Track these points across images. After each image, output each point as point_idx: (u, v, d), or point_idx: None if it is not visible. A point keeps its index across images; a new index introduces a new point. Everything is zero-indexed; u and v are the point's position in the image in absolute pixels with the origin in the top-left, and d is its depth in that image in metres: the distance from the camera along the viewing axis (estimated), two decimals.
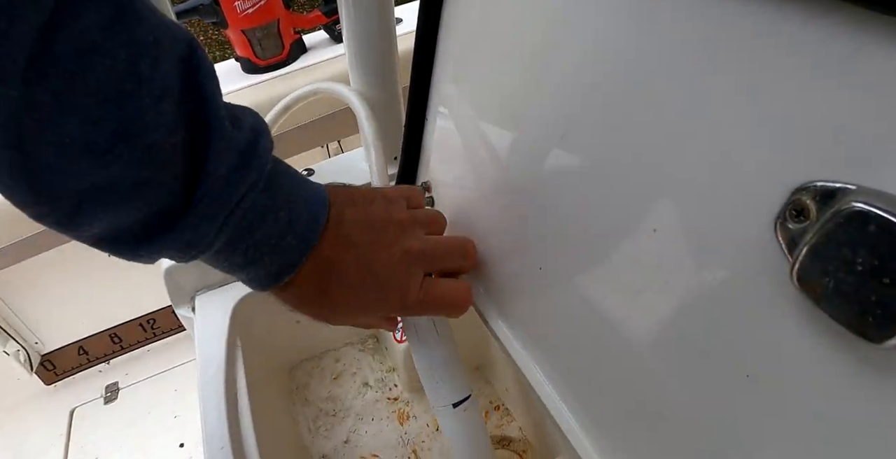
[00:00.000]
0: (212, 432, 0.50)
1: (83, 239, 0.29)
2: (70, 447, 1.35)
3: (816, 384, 0.22)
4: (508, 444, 0.68)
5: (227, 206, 0.30)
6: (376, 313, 0.41)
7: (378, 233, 0.38)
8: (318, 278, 0.36)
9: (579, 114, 0.33)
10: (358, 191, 0.39)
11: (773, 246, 0.22)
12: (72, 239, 0.29)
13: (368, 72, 0.60)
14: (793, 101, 0.21)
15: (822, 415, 0.22)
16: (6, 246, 1.04)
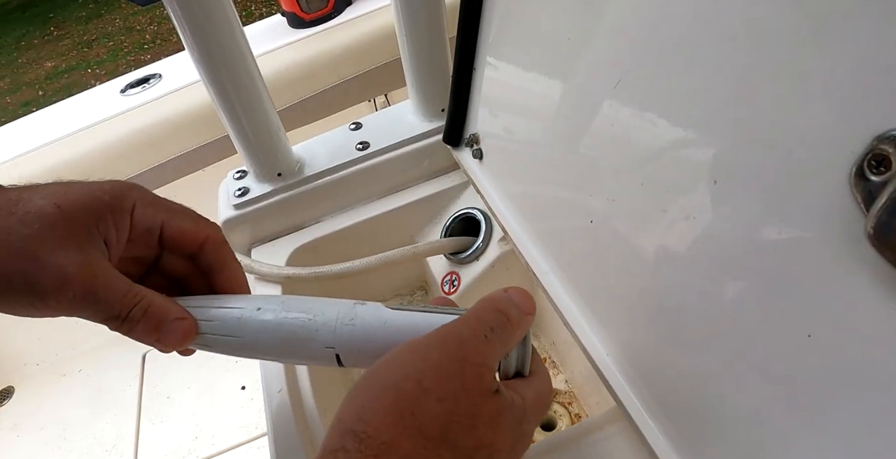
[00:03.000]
0: (269, 376, 0.53)
1: None
2: (144, 387, 1.46)
3: (887, 351, 0.21)
4: (554, 396, 0.70)
5: None
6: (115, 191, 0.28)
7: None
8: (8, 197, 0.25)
9: (636, 58, 0.31)
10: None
11: (847, 200, 0.21)
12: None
13: (415, 21, 0.58)
14: (874, 36, 0.19)
15: (888, 386, 0.21)
16: None
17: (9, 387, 1.54)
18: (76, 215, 0.26)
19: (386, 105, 1.46)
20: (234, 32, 0.51)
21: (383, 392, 0.24)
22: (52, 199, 0.25)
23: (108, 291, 0.27)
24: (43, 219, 0.25)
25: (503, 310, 0.30)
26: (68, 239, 0.25)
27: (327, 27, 1.20)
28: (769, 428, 0.28)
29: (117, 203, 0.28)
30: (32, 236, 0.25)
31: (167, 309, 0.29)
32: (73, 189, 0.26)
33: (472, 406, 0.24)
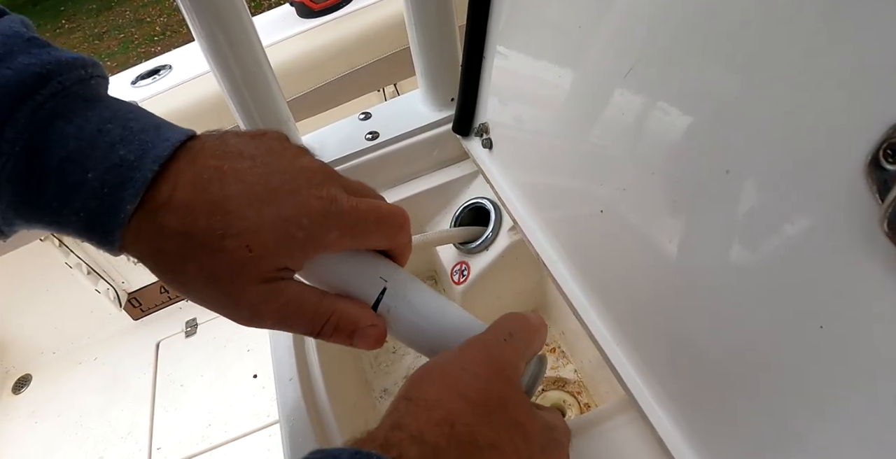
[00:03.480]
0: (281, 364, 0.54)
1: None
2: (158, 375, 1.49)
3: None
4: (563, 386, 0.70)
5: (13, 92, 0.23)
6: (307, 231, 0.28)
7: (275, 148, 0.30)
8: (211, 191, 0.26)
9: (648, 46, 0.31)
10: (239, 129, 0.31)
11: (861, 189, 0.20)
12: None
13: (424, 10, 0.58)
14: (891, 22, 0.19)
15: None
16: None
17: (26, 375, 1.57)
18: (267, 258, 0.27)
19: (395, 95, 1.46)
20: (243, 23, 0.51)
21: (429, 374, 0.28)
22: (244, 240, 0.26)
23: (299, 315, 0.29)
24: (236, 268, 0.27)
25: (522, 317, 0.33)
26: (258, 281, 0.27)
27: (336, 17, 1.20)
28: (781, 419, 0.28)
29: (311, 242, 0.28)
30: (227, 277, 0.27)
31: (357, 320, 0.31)
32: (267, 228, 0.26)
33: (505, 388, 0.28)
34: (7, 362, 1.59)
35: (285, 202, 0.27)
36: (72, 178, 0.24)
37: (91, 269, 1.49)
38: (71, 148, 0.24)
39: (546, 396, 0.69)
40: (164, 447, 1.34)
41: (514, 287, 0.70)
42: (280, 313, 0.29)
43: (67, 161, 0.24)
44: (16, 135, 0.23)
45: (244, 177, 0.27)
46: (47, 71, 0.24)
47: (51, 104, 0.24)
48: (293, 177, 0.28)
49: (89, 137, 0.24)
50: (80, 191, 0.24)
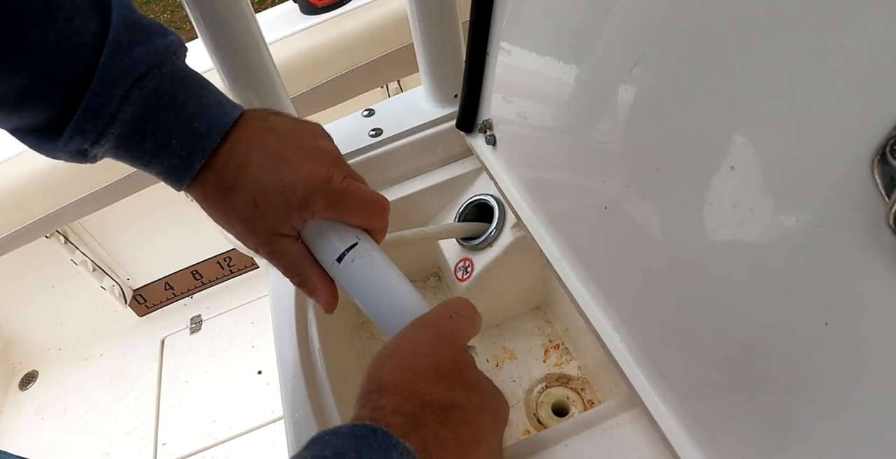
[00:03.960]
0: (285, 360, 0.54)
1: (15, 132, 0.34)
2: (163, 371, 1.49)
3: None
4: (567, 382, 0.70)
5: (130, 76, 0.32)
6: (300, 199, 0.36)
7: (305, 129, 0.38)
8: (238, 158, 0.35)
9: (652, 41, 0.31)
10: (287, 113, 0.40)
11: (867, 186, 0.20)
12: (155, 184, 0.33)
13: (428, 6, 0.57)
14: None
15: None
16: (98, 191, 1.12)
17: (33, 371, 1.58)
18: (269, 214, 0.36)
19: (399, 91, 1.46)
20: (246, 19, 0.51)
21: (385, 364, 0.34)
22: (253, 196, 0.36)
23: (281, 264, 0.40)
24: (244, 217, 0.36)
25: (465, 300, 0.39)
26: (261, 230, 0.37)
27: (339, 13, 1.20)
28: (786, 416, 0.28)
29: (304, 207, 0.37)
30: (240, 222, 0.37)
31: (316, 285, 0.40)
32: (270, 188, 0.35)
33: (454, 356, 0.34)
34: (14, 358, 1.60)
35: (290, 171, 0.36)
36: (162, 141, 0.34)
37: (96, 266, 1.49)
38: (162, 119, 0.34)
39: (550, 392, 0.69)
40: (169, 442, 1.34)
41: (518, 283, 0.70)
42: (271, 257, 0.39)
43: (160, 128, 0.34)
44: (129, 109, 0.33)
45: (266, 147, 0.36)
46: (154, 62, 0.33)
47: (153, 85, 0.33)
48: (304, 153, 0.37)
49: (176, 112, 0.34)
50: (167, 149, 0.35)
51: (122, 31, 0.32)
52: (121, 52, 0.32)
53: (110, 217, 1.38)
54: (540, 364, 0.72)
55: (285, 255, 0.39)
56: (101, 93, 0.31)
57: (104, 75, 0.31)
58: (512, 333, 0.76)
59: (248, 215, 0.36)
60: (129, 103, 0.33)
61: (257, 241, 0.38)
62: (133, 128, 0.34)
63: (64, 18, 0.30)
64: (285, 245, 0.39)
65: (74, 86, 0.31)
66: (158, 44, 0.33)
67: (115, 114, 0.32)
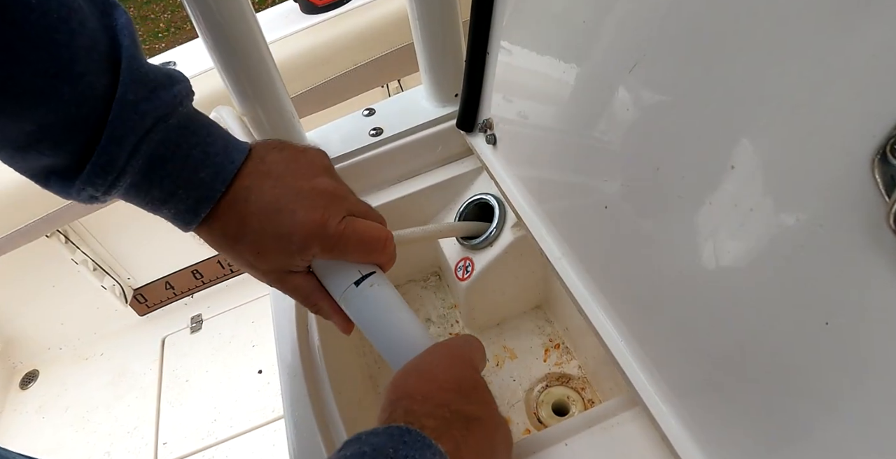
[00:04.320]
0: (286, 361, 0.54)
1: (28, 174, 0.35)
2: (163, 370, 1.50)
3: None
4: (567, 382, 0.70)
5: (137, 131, 0.33)
6: (298, 246, 0.38)
7: (301, 168, 0.39)
8: (238, 209, 0.37)
9: (653, 41, 0.31)
10: (291, 144, 0.41)
11: (867, 185, 0.20)
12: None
13: (428, 5, 0.57)
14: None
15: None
16: None
17: (34, 371, 1.58)
18: (270, 259, 0.39)
19: (399, 90, 1.46)
20: (246, 19, 0.51)
21: (409, 377, 0.36)
22: (255, 247, 0.38)
23: (295, 296, 0.43)
24: (250, 263, 0.39)
25: (473, 337, 0.41)
26: (268, 272, 0.40)
27: (340, 12, 1.20)
28: (785, 416, 0.28)
29: (303, 252, 0.38)
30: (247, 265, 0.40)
31: (329, 313, 0.43)
32: (268, 239, 0.37)
33: (472, 376, 0.37)
34: (14, 357, 1.60)
35: (285, 221, 0.37)
36: (169, 190, 0.36)
37: (97, 265, 1.49)
38: (169, 169, 0.35)
39: (550, 392, 0.69)
40: (169, 442, 1.35)
41: (518, 283, 0.70)
42: (284, 291, 0.42)
43: (167, 178, 0.36)
44: (137, 162, 0.34)
45: (263, 196, 0.37)
46: (160, 115, 0.34)
47: (160, 136, 0.35)
48: (300, 199, 0.38)
49: (181, 161, 0.36)
50: (174, 197, 0.36)
51: (129, 86, 0.33)
52: (128, 109, 0.33)
53: (111, 216, 1.38)
54: (540, 363, 0.72)
55: (296, 290, 0.42)
56: (110, 150, 0.33)
57: (112, 133, 0.33)
58: (512, 332, 0.76)
59: (252, 262, 0.39)
60: (137, 157, 0.34)
61: (267, 280, 0.41)
62: (141, 179, 0.35)
63: (79, 73, 0.31)
64: (294, 281, 0.41)
65: (85, 136, 0.33)
66: (164, 97, 0.35)
67: (123, 168, 0.34)
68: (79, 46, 0.31)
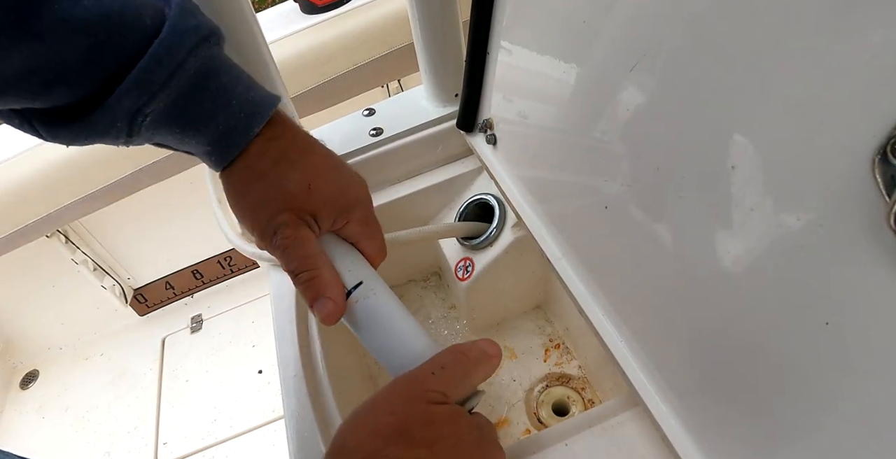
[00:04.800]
0: (285, 360, 0.54)
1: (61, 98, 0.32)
2: (164, 370, 1.50)
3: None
4: (567, 382, 0.70)
5: (198, 32, 0.32)
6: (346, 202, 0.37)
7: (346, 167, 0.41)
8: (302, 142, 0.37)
9: (653, 40, 0.31)
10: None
11: (868, 185, 0.20)
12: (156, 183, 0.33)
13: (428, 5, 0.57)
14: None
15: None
16: (98, 190, 1.12)
17: (34, 371, 1.58)
18: (316, 201, 0.36)
19: (399, 90, 1.46)
20: (246, 19, 0.51)
21: (351, 424, 0.33)
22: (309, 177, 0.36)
23: (295, 252, 0.36)
24: (296, 193, 0.36)
25: (461, 351, 0.35)
26: (298, 212, 0.36)
27: (340, 12, 1.20)
28: (785, 416, 0.28)
29: (345, 212, 0.38)
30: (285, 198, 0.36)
31: (325, 287, 0.36)
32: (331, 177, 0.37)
33: (424, 411, 0.32)
34: (14, 358, 1.60)
35: (345, 176, 0.38)
36: (222, 100, 0.34)
37: (97, 265, 1.49)
38: (223, 80, 0.34)
39: (550, 392, 0.69)
40: (170, 442, 1.35)
41: (519, 283, 0.70)
42: (286, 241, 0.36)
43: (221, 89, 0.34)
44: (195, 62, 0.33)
45: (322, 149, 0.38)
46: (214, 29, 0.34)
47: (214, 50, 0.34)
48: (351, 172, 0.40)
49: (234, 77, 0.35)
50: (226, 110, 0.34)
51: (185, 1, 0.33)
52: (187, 14, 0.32)
53: (111, 216, 1.38)
54: (540, 363, 0.72)
55: (303, 244, 0.36)
56: (171, 42, 0.31)
57: (174, 26, 0.31)
58: (512, 332, 0.76)
59: (296, 191, 0.36)
60: (195, 57, 0.32)
61: (283, 220, 0.36)
62: (194, 85, 0.33)
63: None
64: (307, 234, 0.36)
65: (130, 45, 0.30)
66: (212, 23, 0.34)
67: (181, 63, 0.31)
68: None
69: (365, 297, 0.37)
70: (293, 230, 0.36)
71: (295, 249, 0.36)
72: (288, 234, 0.36)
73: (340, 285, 0.37)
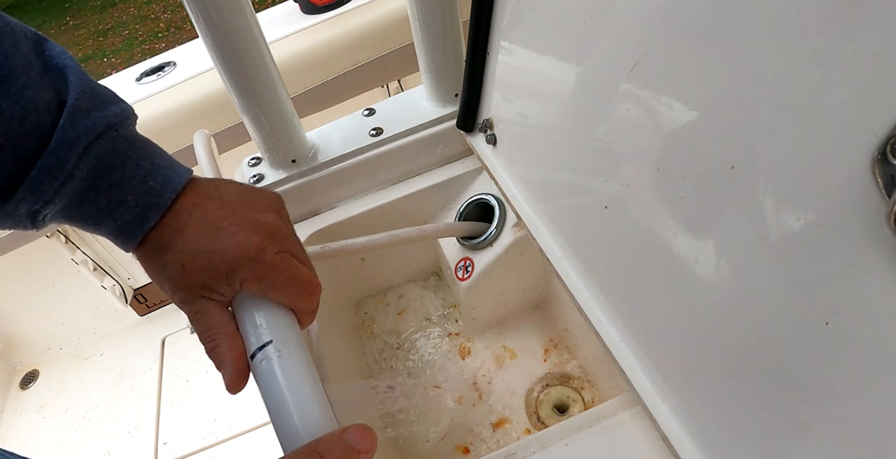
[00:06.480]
0: None
1: None
2: (164, 370, 1.50)
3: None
4: (567, 382, 0.70)
5: (88, 135, 0.33)
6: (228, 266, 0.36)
7: (253, 201, 0.39)
8: (179, 220, 0.36)
9: (652, 40, 0.31)
10: (248, 184, 0.41)
11: (868, 185, 0.20)
12: None
13: (428, 5, 0.57)
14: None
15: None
16: None
17: (34, 371, 1.58)
18: (195, 276, 0.36)
19: (399, 90, 1.46)
20: (247, 19, 0.51)
21: None
22: (182, 258, 0.36)
23: (198, 327, 0.38)
24: (175, 276, 0.36)
25: (317, 450, 0.32)
26: (188, 290, 0.37)
27: (340, 12, 1.20)
28: (785, 416, 0.28)
29: (231, 275, 0.36)
30: (171, 281, 0.37)
31: (222, 359, 0.37)
32: (199, 252, 0.36)
33: None
34: (15, 358, 1.60)
35: (223, 239, 0.36)
36: (116, 198, 0.35)
37: (97, 265, 1.49)
38: (118, 176, 0.35)
39: (550, 392, 0.69)
40: (170, 442, 1.35)
41: (518, 283, 0.70)
42: (190, 315, 0.38)
43: (115, 186, 0.35)
44: (86, 166, 0.34)
45: (207, 213, 0.37)
46: (111, 124, 0.35)
47: (109, 145, 0.35)
48: (242, 223, 0.37)
49: (130, 170, 0.35)
50: (122, 206, 0.35)
51: (80, 96, 0.33)
52: (79, 116, 0.33)
53: None
54: (540, 363, 0.72)
55: (203, 317, 0.38)
56: (59, 153, 0.32)
57: (63, 136, 0.32)
58: (512, 332, 0.76)
59: (174, 275, 0.37)
60: (86, 162, 0.34)
61: (181, 299, 0.38)
62: (87, 187, 0.34)
63: (17, 88, 0.31)
64: (206, 306, 0.38)
65: (26, 152, 0.32)
66: (114, 109, 0.35)
67: (71, 172, 0.33)
68: (13, 65, 0.31)
69: (264, 359, 0.36)
70: (190, 306, 0.38)
71: (196, 323, 0.38)
72: (187, 309, 0.38)
73: (239, 354, 0.37)
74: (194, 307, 0.38)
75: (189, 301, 0.37)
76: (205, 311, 0.38)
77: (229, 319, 0.38)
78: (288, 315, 0.38)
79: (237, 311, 0.38)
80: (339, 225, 0.67)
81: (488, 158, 0.58)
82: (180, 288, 0.37)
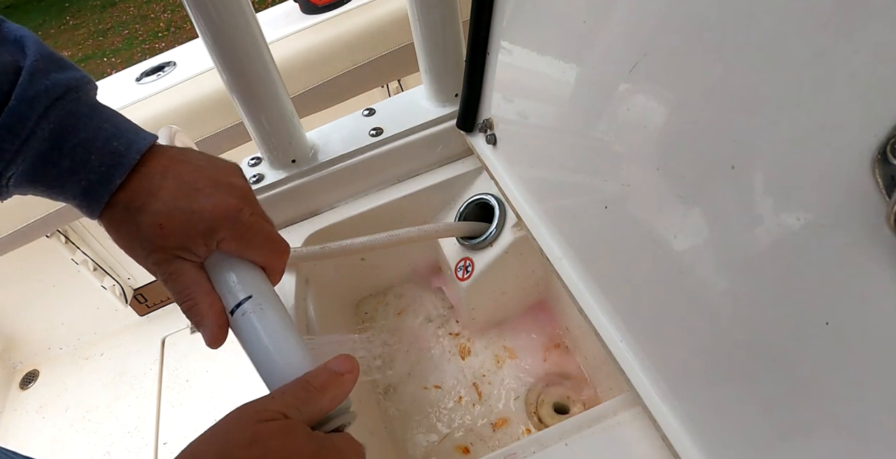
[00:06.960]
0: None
1: None
2: (164, 370, 1.50)
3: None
4: (567, 381, 0.70)
5: (49, 95, 0.33)
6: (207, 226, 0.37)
7: (219, 166, 0.40)
8: (152, 182, 0.36)
9: (653, 40, 0.31)
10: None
11: (868, 185, 0.20)
12: None
13: (428, 5, 0.57)
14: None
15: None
16: None
17: (34, 371, 1.58)
18: (172, 236, 0.36)
19: (399, 90, 1.46)
20: (247, 19, 0.51)
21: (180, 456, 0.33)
22: (159, 218, 0.36)
23: (174, 287, 0.38)
24: (147, 237, 0.36)
25: (305, 378, 0.36)
26: (164, 250, 0.37)
27: (340, 12, 1.20)
28: (784, 416, 0.28)
29: (210, 234, 0.37)
30: (146, 242, 0.37)
31: (202, 315, 0.38)
32: (177, 212, 0.36)
33: (249, 431, 0.33)
34: (15, 358, 1.60)
35: (200, 199, 0.36)
36: (80, 157, 0.35)
37: (97, 265, 1.49)
38: (81, 137, 0.35)
39: (550, 392, 0.69)
40: (170, 442, 1.35)
41: (519, 283, 0.70)
42: (164, 277, 0.38)
43: (78, 145, 0.34)
44: (48, 125, 0.34)
45: (180, 176, 0.37)
46: (72, 86, 0.35)
47: (70, 107, 0.35)
48: (217, 186, 0.37)
49: (94, 131, 0.35)
50: (85, 167, 0.35)
51: (39, 59, 0.34)
52: (38, 76, 0.33)
53: None
54: (540, 363, 0.72)
55: (180, 277, 0.38)
56: (19, 110, 0.32)
57: (22, 94, 0.32)
58: (512, 332, 0.76)
59: (151, 235, 0.36)
60: (48, 120, 0.33)
61: (156, 260, 0.37)
62: (50, 147, 0.34)
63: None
64: (182, 266, 0.38)
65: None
66: (74, 74, 0.35)
67: (33, 129, 0.33)
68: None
69: (245, 313, 0.37)
70: (165, 267, 0.37)
71: (172, 283, 0.38)
72: (163, 270, 0.38)
73: (218, 310, 0.38)
74: (170, 268, 0.38)
75: (164, 262, 0.37)
76: (181, 271, 0.38)
77: (205, 279, 0.39)
78: (261, 273, 0.40)
79: (212, 271, 0.39)
80: (339, 225, 0.67)
81: (488, 158, 0.58)
82: (156, 248, 0.37)
